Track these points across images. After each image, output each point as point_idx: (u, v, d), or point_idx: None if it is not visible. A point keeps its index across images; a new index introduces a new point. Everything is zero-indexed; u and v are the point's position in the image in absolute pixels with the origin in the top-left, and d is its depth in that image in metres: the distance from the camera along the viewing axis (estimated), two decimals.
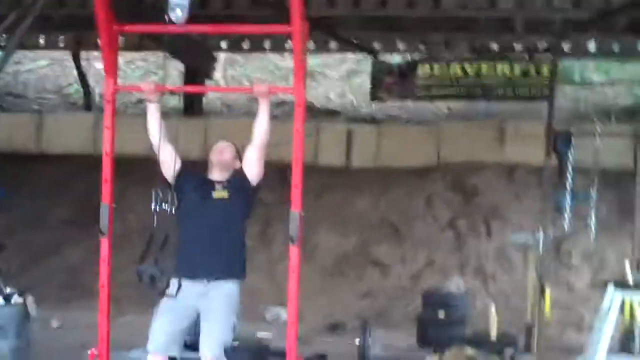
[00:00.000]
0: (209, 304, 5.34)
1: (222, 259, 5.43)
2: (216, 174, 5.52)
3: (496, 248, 10.97)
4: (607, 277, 9.80)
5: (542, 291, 7.99)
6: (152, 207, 5.22)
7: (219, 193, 5.45)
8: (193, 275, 5.32)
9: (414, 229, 11.38)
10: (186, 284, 5.25)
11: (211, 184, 5.47)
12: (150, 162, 5.49)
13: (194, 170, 5.62)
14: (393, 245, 11.16)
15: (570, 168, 8.85)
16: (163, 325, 5.33)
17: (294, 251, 4.96)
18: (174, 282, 5.20)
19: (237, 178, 5.51)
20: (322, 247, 11.09)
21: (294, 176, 4.99)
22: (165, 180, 5.45)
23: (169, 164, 5.45)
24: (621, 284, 7.20)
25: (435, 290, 9.46)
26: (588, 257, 10.65)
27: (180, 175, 5.46)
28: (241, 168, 5.52)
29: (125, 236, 10.86)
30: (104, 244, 5.20)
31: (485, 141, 12.14)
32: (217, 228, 5.38)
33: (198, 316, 5.41)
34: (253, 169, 5.47)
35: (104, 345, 5.20)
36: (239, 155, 5.59)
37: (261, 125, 5.39)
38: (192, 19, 4.80)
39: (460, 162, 12.01)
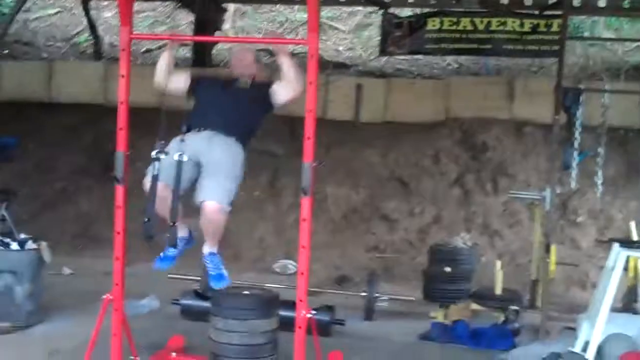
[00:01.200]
0: (211, 155, 5.48)
1: (231, 122, 5.55)
2: (237, 74, 5.80)
3: (503, 204, 11.02)
4: (612, 235, 9.90)
5: (548, 248, 8.03)
6: (152, 154, 5.36)
7: (242, 84, 5.71)
8: (200, 127, 5.53)
9: (422, 184, 11.43)
10: (190, 137, 5.42)
11: (234, 80, 5.73)
12: (157, 112, 5.55)
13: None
14: (401, 199, 11.21)
15: (578, 125, 8.85)
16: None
17: (305, 202, 4.99)
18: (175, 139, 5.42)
19: (261, 85, 5.72)
20: (330, 200, 11.16)
21: (306, 128, 5.03)
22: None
23: (180, 81, 5.77)
24: (626, 242, 7.26)
25: (442, 245, 9.54)
26: (594, 215, 10.70)
27: (195, 79, 5.76)
28: (264, 80, 5.74)
29: (135, 183, 10.98)
30: (119, 191, 5.25)
31: (494, 97, 12.12)
32: (234, 104, 5.57)
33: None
34: (282, 96, 5.66)
35: (119, 290, 5.29)
36: (259, 60, 5.77)
37: (290, 76, 5.55)
38: None
39: (468, 118, 12.02)
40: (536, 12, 12.19)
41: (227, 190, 5.47)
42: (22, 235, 7.58)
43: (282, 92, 5.63)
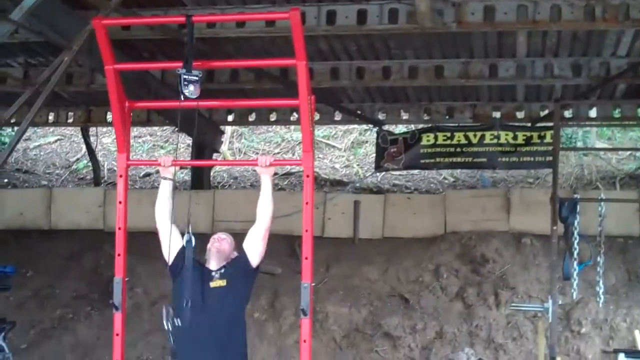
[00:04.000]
0: None
1: (220, 354, 5.30)
2: (213, 263, 5.51)
3: (506, 318, 10.91)
4: (617, 346, 9.77)
5: None
6: (164, 324, 5.19)
7: (217, 282, 5.42)
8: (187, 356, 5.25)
9: (423, 299, 11.35)
10: None
11: (208, 273, 5.45)
12: (156, 236, 5.53)
13: (195, 259, 5.50)
14: (403, 316, 11.11)
15: (576, 235, 8.87)
16: None
17: (305, 323, 4.95)
18: None
19: (235, 263, 5.51)
20: (331, 319, 11.04)
21: (304, 248, 5.04)
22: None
23: (168, 244, 5.42)
24: (632, 352, 7.18)
25: None
26: (598, 325, 10.58)
27: (178, 257, 5.44)
28: (238, 255, 5.53)
29: (134, 310, 10.90)
30: (118, 318, 5.18)
31: (491, 210, 12.20)
32: (215, 319, 5.31)
33: None
34: (257, 248, 5.48)
35: None
36: (236, 247, 5.60)
37: (265, 203, 5.45)
38: (200, 93, 4.91)
39: (467, 231, 12.06)
40: (528, 125, 12.39)
41: None
42: None
43: (259, 233, 5.47)
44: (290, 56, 4.83)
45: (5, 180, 15.36)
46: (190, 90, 4.81)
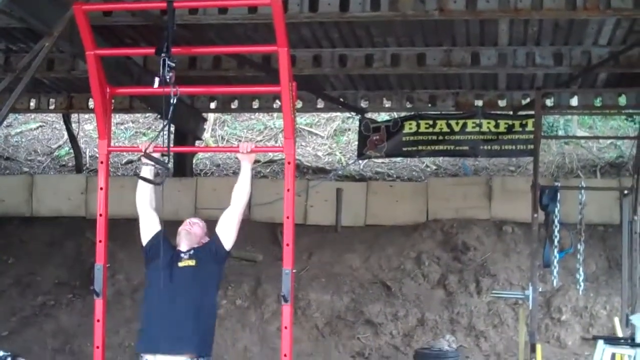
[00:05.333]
0: None
1: (185, 333, 5.29)
2: (183, 245, 5.53)
3: (487, 305, 10.98)
4: (597, 332, 9.86)
5: (533, 348, 7.98)
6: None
7: (185, 262, 5.44)
8: (154, 350, 5.29)
9: (405, 287, 11.39)
10: None
11: (178, 254, 5.48)
12: (137, 222, 5.53)
13: (168, 242, 5.58)
14: (385, 303, 11.15)
15: (557, 223, 8.93)
16: None
17: (286, 310, 4.97)
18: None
19: (207, 246, 5.53)
20: (314, 306, 11.07)
21: (285, 234, 5.06)
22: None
23: (146, 229, 5.51)
24: (611, 339, 7.25)
25: (427, 348, 9.46)
26: (578, 312, 10.67)
27: (153, 239, 5.48)
28: (210, 239, 5.54)
29: (116, 296, 10.88)
30: (98, 304, 5.18)
31: (472, 197, 12.26)
32: (182, 299, 5.32)
33: None
34: (230, 232, 5.48)
35: None
36: (208, 233, 5.62)
37: (242, 188, 5.45)
38: (182, 80, 4.90)
39: (449, 219, 12.11)
40: (510, 113, 12.43)
41: None
42: (1, 353, 7.44)
43: (233, 217, 5.45)
44: (273, 43, 4.82)
45: None
46: (170, 77, 4.82)
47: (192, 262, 5.42)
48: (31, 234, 12.81)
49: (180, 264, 5.41)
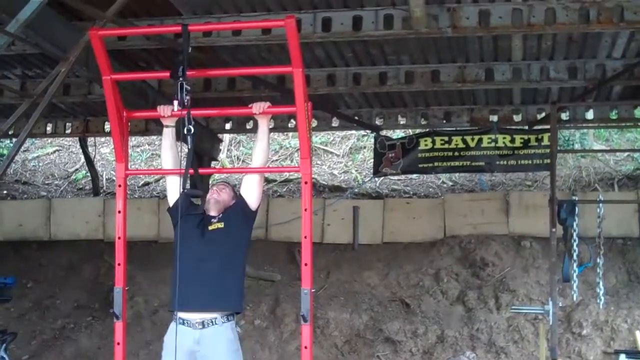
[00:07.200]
0: (207, 353, 5.33)
1: (216, 290, 5.39)
2: (212, 211, 5.65)
3: (507, 321, 10.92)
4: (618, 347, 9.78)
5: None
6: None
7: (215, 225, 5.57)
8: (189, 307, 5.35)
9: (424, 304, 11.35)
10: (181, 330, 5.30)
11: (207, 219, 5.60)
12: (155, 244, 5.57)
13: (194, 205, 5.79)
14: (404, 320, 11.11)
15: (575, 237, 8.88)
16: None
17: (306, 330, 4.96)
18: (171, 327, 5.32)
19: (234, 208, 5.65)
20: (333, 325, 11.04)
21: (303, 254, 5.05)
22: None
23: (172, 190, 5.64)
24: (633, 353, 7.20)
25: None
26: (599, 326, 10.59)
27: (180, 201, 5.58)
28: (236, 201, 5.66)
29: (135, 319, 10.90)
30: (118, 327, 5.19)
31: (490, 213, 12.23)
32: (213, 258, 5.43)
33: None
34: (254, 192, 5.61)
35: None
36: (235, 195, 5.73)
37: (261, 146, 5.63)
38: (197, 102, 4.95)
39: (466, 235, 12.08)
40: (526, 128, 12.40)
41: None
42: None
43: (255, 176, 5.61)
44: (287, 63, 4.85)
45: (5, 192, 15.37)
46: (187, 100, 4.88)
47: (221, 225, 5.55)
48: (50, 258, 12.87)
49: (211, 227, 5.54)
